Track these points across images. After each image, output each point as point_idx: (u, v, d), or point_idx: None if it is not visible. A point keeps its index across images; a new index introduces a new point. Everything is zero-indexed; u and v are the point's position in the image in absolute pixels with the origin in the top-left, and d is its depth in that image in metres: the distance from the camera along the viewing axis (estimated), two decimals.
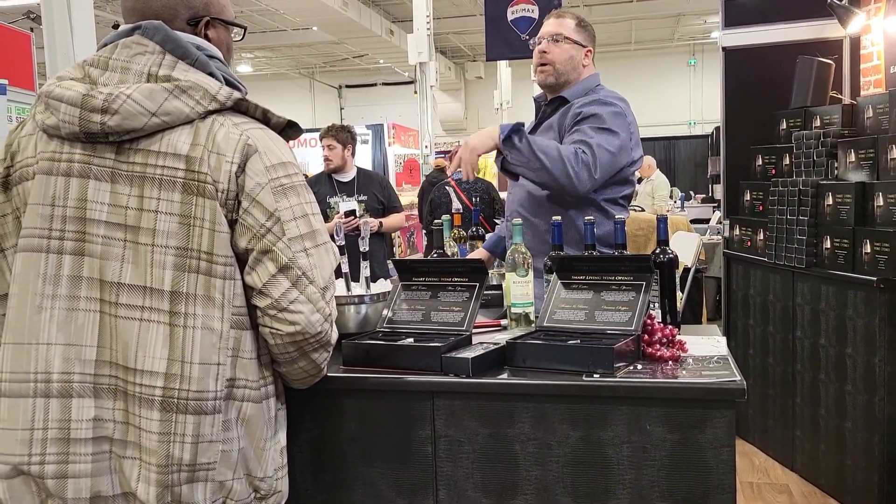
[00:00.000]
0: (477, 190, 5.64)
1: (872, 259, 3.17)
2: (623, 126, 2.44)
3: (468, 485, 1.74)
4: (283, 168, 1.50)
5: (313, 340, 1.52)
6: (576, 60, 2.58)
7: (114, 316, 1.44)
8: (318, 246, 1.52)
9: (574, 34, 2.59)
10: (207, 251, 1.44)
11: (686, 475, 1.63)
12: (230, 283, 1.46)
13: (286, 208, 1.48)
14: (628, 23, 16.10)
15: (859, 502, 3.32)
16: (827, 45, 4.29)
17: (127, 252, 1.44)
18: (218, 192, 1.44)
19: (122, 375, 1.43)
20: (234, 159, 1.45)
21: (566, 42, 2.57)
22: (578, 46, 2.59)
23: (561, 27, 2.59)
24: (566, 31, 2.58)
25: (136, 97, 1.42)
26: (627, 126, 2.46)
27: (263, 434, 1.53)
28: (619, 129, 2.42)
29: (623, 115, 2.46)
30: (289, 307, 1.47)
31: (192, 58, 1.49)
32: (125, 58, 1.48)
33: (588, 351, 1.72)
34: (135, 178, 1.45)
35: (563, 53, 2.57)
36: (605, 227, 2.40)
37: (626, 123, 2.46)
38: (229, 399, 1.47)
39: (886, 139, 3.27)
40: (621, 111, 2.46)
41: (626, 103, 2.52)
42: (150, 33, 1.49)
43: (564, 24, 2.60)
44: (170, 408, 1.41)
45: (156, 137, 1.45)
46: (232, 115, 1.50)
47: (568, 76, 2.58)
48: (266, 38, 16.21)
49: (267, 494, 1.55)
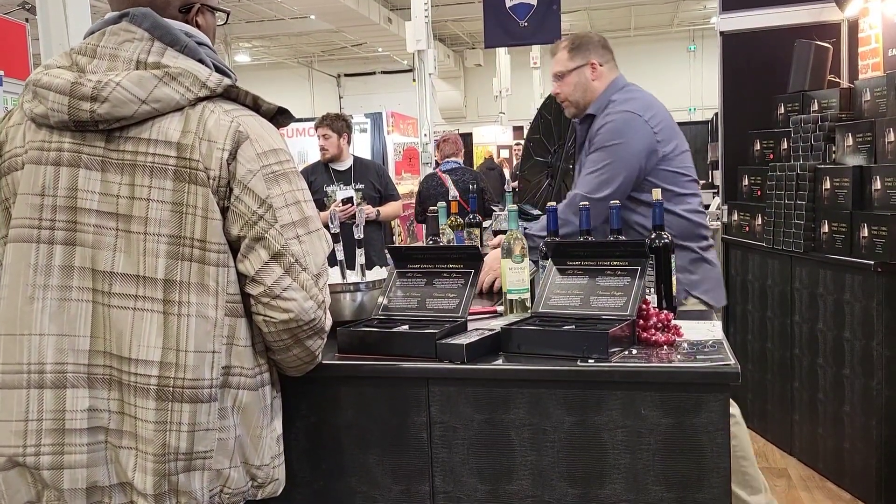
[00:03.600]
0: (466, 181, 5.64)
1: (870, 243, 3.17)
2: (622, 147, 2.52)
3: (464, 471, 1.74)
4: (275, 155, 1.50)
5: (307, 328, 1.51)
6: (582, 84, 2.69)
7: (107, 305, 1.43)
8: (311, 233, 1.52)
9: (569, 63, 2.70)
10: (200, 239, 1.43)
11: (681, 459, 1.64)
12: (224, 270, 1.46)
13: (278, 195, 1.47)
14: (628, 8, 16.05)
15: (857, 485, 3.34)
16: (825, 29, 4.28)
17: (119, 241, 1.43)
18: (210, 179, 1.43)
19: (117, 365, 1.43)
20: (225, 146, 1.44)
21: (567, 75, 2.70)
22: (580, 69, 2.68)
23: (557, 65, 2.73)
24: (561, 66, 2.72)
25: (126, 84, 1.41)
26: (630, 142, 2.52)
27: (259, 422, 1.53)
28: (618, 154, 2.52)
29: (621, 132, 2.53)
30: (282, 294, 1.46)
31: (181, 44, 1.48)
32: (113, 45, 1.47)
33: (583, 336, 1.72)
34: (125, 166, 1.44)
35: (568, 86, 2.71)
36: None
37: (628, 138, 2.52)
38: (225, 387, 1.47)
39: (884, 122, 3.26)
40: (619, 132, 2.53)
41: (635, 109, 2.56)
42: (139, 20, 1.48)
43: (558, 60, 2.73)
44: (165, 396, 1.41)
45: (146, 125, 1.44)
46: (222, 102, 1.49)
47: (584, 99, 2.71)
48: (264, 27, 16.15)
49: (264, 483, 1.55)
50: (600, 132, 2.58)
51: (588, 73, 2.67)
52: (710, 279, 2.62)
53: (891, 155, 3.21)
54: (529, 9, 7.33)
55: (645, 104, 2.60)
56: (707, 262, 2.61)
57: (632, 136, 2.53)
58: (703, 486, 1.63)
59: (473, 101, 20.51)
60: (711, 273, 2.62)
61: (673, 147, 2.58)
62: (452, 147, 6.01)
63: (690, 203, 2.59)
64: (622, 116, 2.56)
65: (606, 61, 2.70)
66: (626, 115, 2.56)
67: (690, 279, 2.55)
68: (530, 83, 16.67)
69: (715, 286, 2.63)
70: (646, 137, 2.53)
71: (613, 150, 2.52)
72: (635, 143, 2.52)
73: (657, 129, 2.54)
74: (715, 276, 2.64)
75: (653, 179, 2.52)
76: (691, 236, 2.57)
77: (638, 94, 2.66)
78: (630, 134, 2.53)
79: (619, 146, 2.52)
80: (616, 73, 2.71)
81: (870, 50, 4.10)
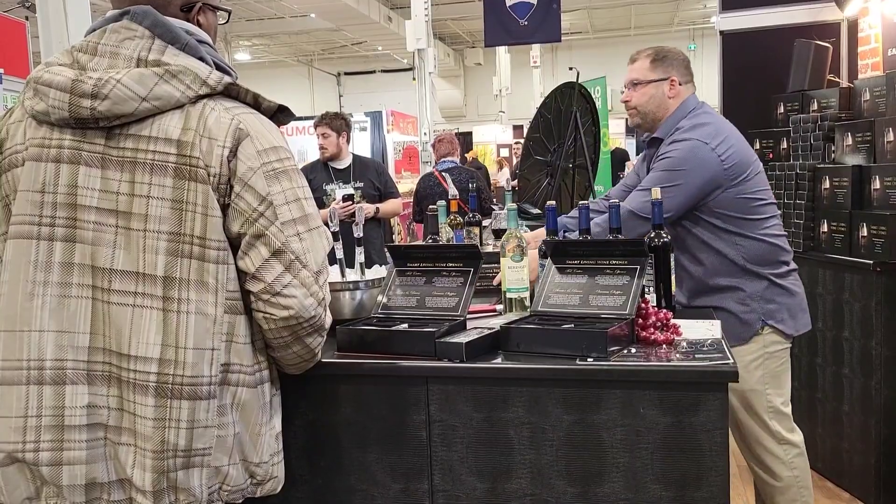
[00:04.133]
0: (464, 180, 5.65)
1: (869, 242, 3.17)
2: (684, 175, 2.41)
3: (463, 469, 1.74)
4: (275, 152, 1.50)
5: (307, 325, 1.52)
6: (658, 98, 2.59)
7: (106, 302, 1.44)
8: (311, 230, 1.52)
9: (650, 74, 2.60)
10: (200, 236, 1.44)
11: (679, 458, 1.64)
12: (223, 267, 1.46)
13: (278, 192, 1.48)
14: (628, 7, 16.05)
15: (856, 484, 3.34)
16: (824, 29, 4.28)
17: (119, 238, 1.44)
18: (210, 177, 1.44)
19: (116, 362, 1.43)
20: (226, 143, 1.44)
21: (644, 85, 2.61)
22: (659, 83, 2.59)
23: (634, 72, 2.63)
24: (639, 75, 2.61)
25: (127, 82, 1.42)
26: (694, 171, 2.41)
27: (258, 419, 1.54)
28: (679, 180, 2.40)
29: (685, 161, 2.42)
30: (282, 291, 1.47)
31: (181, 42, 1.49)
32: (114, 43, 1.47)
33: (582, 335, 1.73)
34: (125, 163, 1.44)
35: (642, 97, 2.61)
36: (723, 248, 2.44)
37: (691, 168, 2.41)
38: (224, 384, 1.47)
39: (883, 122, 3.26)
40: (684, 160, 2.43)
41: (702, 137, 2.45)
42: (139, 18, 1.48)
43: (637, 68, 2.63)
44: (164, 393, 1.41)
45: (146, 122, 1.44)
46: (223, 100, 1.49)
47: (655, 114, 2.61)
48: (264, 25, 16.16)
49: (263, 480, 1.56)
50: (664, 157, 2.48)
51: (666, 88, 2.57)
52: (790, 307, 2.49)
53: (890, 154, 3.21)
54: (529, 8, 7.33)
55: (713, 131, 2.47)
56: (784, 289, 2.48)
57: (696, 166, 2.41)
58: (701, 485, 1.63)
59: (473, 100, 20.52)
60: (791, 301, 2.49)
61: (747, 172, 2.45)
62: (448, 147, 6.01)
63: (768, 227, 2.47)
64: (688, 144, 2.45)
65: (686, 81, 2.61)
66: (692, 143, 2.44)
67: (766, 308, 2.45)
68: (530, 82, 16.68)
69: (791, 315, 2.50)
70: (711, 168, 2.41)
71: (676, 175, 2.41)
72: (699, 173, 2.40)
73: (724, 157, 2.41)
74: (795, 304, 2.50)
75: (723, 211, 2.43)
76: (768, 262, 2.46)
77: (707, 119, 2.54)
78: (694, 163, 2.41)
79: (682, 173, 2.41)
80: (691, 93, 2.62)
81: (869, 50, 4.11)
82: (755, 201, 2.46)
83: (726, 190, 2.42)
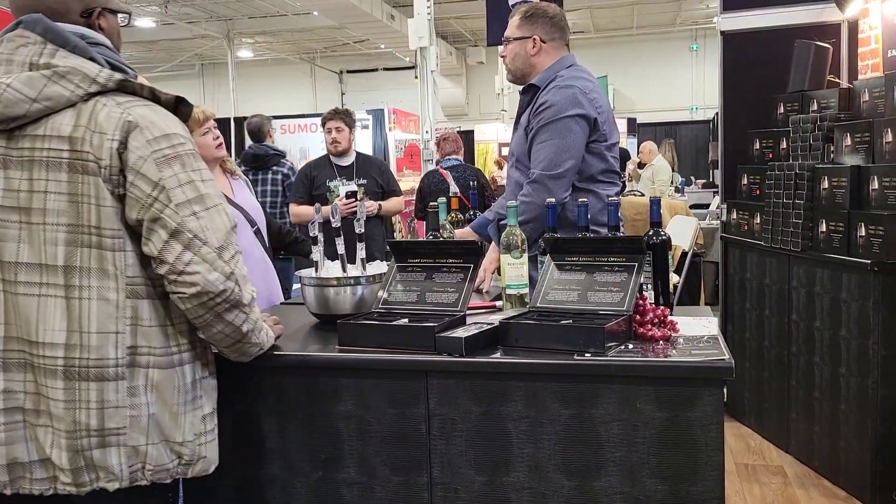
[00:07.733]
0: (467, 177, 5.68)
1: (867, 242, 3.19)
2: (566, 126, 2.55)
3: (461, 462, 1.77)
4: (167, 139, 1.56)
5: (220, 300, 1.56)
6: (521, 56, 2.70)
7: (14, 294, 1.54)
8: (209, 209, 1.58)
9: (517, 31, 2.71)
10: (96, 226, 1.52)
11: (675, 452, 1.66)
12: (121, 254, 1.54)
13: (171, 176, 1.54)
14: (630, 7, 16.03)
15: (852, 483, 3.36)
16: (825, 29, 4.29)
17: (22, 233, 1.54)
18: (101, 169, 1.51)
19: (28, 349, 1.53)
20: (115, 136, 1.52)
21: (510, 42, 2.72)
22: (523, 41, 2.68)
23: (507, 29, 2.74)
24: (509, 32, 2.73)
25: (16, 85, 1.51)
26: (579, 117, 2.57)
27: (176, 399, 1.59)
28: (559, 135, 2.55)
29: (564, 108, 2.56)
30: (185, 269, 1.53)
31: (71, 45, 1.57)
32: (9, 51, 1.57)
33: (580, 330, 1.75)
34: (24, 162, 1.54)
35: (509, 53, 2.73)
36: (593, 207, 2.50)
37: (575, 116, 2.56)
38: (134, 366, 1.55)
39: (882, 123, 3.28)
40: (562, 108, 2.56)
41: (582, 85, 2.60)
42: (31, 25, 1.57)
43: (510, 25, 2.74)
44: (73, 376, 1.51)
45: (41, 122, 1.53)
46: (116, 96, 1.56)
47: (522, 70, 2.72)
48: (267, 23, 16.15)
49: (192, 460, 1.62)
50: (544, 108, 2.60)
51: (529, 46, 2.68)
52: None
53: (889, 155, 3.23)
54: None
55: (592, 87, 2.63)
56: None
57: (577, 111, 2.57)
58: (697, 479, 1.66)
59: (475, 99, 20.50)
60: None
61: (609, 133, 2.63)
62: (453, 145, 6.06)
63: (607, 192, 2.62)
64: (566, 92, 2.59)
65: (552, 39, 2.70)
66: (570, 90, 2.59)
67: None
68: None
69: None
70: (590, 113, 2.57)
71: (559, 125, 2.56)
72: (580, 117, 2.56)
73: (600, 111, 2.59)
74: None
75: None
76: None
77: (586, 75, 2.69)
78: (575, 109, 2.57)
79: (565, 121, 2.55)
80: (563, 54, 2.72)
81: (869, 50, 4.12)
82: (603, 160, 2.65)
83: (598, 141, 2.61)
